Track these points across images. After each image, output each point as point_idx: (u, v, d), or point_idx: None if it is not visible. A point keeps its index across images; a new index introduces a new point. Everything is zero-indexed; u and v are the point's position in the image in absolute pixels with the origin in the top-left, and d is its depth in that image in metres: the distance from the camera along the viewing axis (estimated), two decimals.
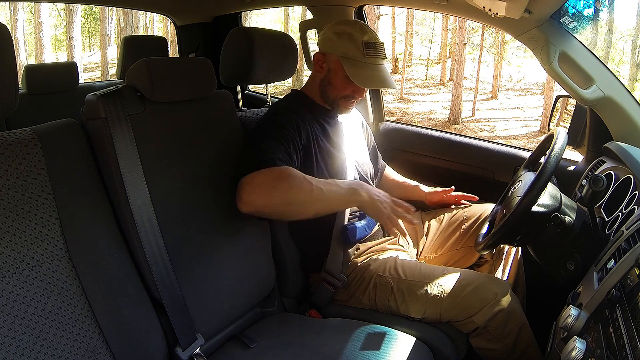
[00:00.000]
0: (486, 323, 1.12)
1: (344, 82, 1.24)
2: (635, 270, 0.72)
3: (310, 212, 1.04)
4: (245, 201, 0.99)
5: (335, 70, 1.25)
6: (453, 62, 11.57)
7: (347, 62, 1.22)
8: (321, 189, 1.02)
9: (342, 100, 1.28)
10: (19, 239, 0.82)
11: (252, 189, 0.99)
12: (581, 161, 1.50)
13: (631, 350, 0.60)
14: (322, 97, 1.31)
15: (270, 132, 1.14)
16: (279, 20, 15.22)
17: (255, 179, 1.00)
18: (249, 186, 0.99)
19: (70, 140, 0.92)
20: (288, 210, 1.03)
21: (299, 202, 1.01)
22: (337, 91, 1.27)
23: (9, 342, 0.79)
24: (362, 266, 1.28)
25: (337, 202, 1.08)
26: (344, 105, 1.30)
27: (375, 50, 1.23)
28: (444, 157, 1.79)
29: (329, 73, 1.27)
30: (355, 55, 1.22)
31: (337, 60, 1.24)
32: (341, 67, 1.23)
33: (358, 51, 1.21)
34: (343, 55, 1.23)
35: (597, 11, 1.72)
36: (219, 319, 1.14)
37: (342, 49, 1.23)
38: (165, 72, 1.05)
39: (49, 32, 9.97)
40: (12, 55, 0.76)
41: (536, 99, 11.47)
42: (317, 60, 1.29)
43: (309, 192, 1.01)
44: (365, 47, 1.21)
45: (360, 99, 1.29)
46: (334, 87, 1.27)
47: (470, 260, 1.41)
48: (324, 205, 1.05)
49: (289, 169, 1.04)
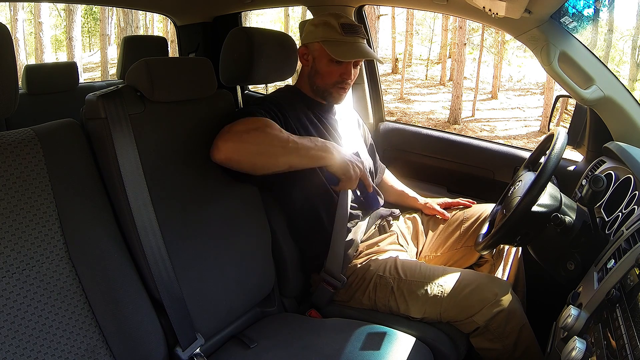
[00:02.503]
0: (487, 323, 1.12)
1: (329, 66, 1.27)
2: (635, 270, 0.72)
3: (283, 164, 1.05)
4: (219, 147, 0.99)
5: (319, 57, 1.28)
6: (453, 62, 11.57)
7: (327, 44, 1.24)
8: (296, 142, 1.04)
9: (332, 88, 1.29)
10: (19, 239, 0.82)
11: (229, 136, 1.00)
12: (581, 161, 1.50)
13: (631, 350, 0.60)
14: (313, 90, 1.33)
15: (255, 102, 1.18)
16: (279, 20, 15.22)
17: (233, 127, 1.02)
18: (225, 134, 1.01)
19: (70, 140, 0.92)
20: (260, 160, 1.03)
21: (272, 152, 1.02)
22: (326, 78, 1.28)
23: (9, 342, 0.79)
24: (362, 266, 1.28)
25: (309, 157, 1.07)
26: (336, 93, 1.31)
27: (352, 29, 1.26)
28: (444, 157, 1.79)
29: (314, 63, 1.30)
30: (334, 36, 1.24)
31: (318, 47, 1.27)
32: (324, 52, 1.25)
33: (336, 33, 1.24)
34: (323, 39, 1.25)
35: (597, 11, 1.72)
36: (219, 319, 1.14)
37: (321, 34, 1.26)
38: (165, 72, 1.05)
39: (49, 32, 9.97)
40: (12, 55, 0.76)
41: (536, 99, 11.47)
42: (302, 54, 1.32)
43: (284, 143, 1.03)
44: (343, 28, 1.24)
45: (349, 81, 1.29)
46: (321, 74, 1.29)
47: (470, 260, 1.41)
48: (297, 159, 1.05)
49: (267, 119, 1.06)
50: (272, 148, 1.02)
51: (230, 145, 1.00)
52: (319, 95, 1.33)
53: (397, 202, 1.58)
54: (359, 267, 1.28)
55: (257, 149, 1.01)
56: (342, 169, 1.09)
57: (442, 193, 1.77)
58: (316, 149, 1.07)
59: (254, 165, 1.05)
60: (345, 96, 1.35)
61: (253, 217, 1.23)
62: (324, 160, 1.08)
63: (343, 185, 1.12)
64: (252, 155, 1.02)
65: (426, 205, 1.53)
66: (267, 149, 1.02)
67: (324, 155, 1.07)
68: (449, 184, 1.80)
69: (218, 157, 1.00)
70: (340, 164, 1.09)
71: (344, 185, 1.12)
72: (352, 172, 1.10)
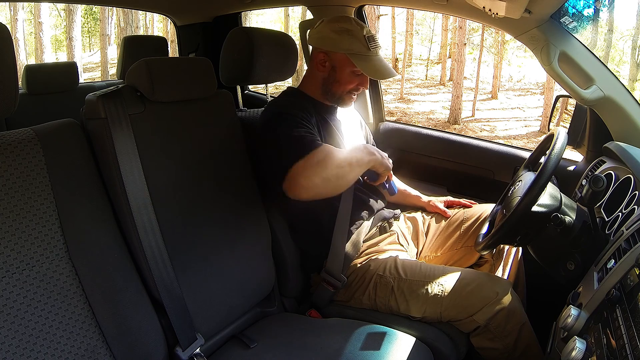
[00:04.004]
0: (487, 322, 1.12)
1: (350, 77, 1.29)
2: (635, 270, 0.72)
3: (352, 179, 1.13)
4: (305, 186, 1.03)
5: (342, 67, 1.28)
6: (453, 62, 11.57)
7: (356, 57, 1.25)
8: (353, 156, 1.12)
9: (346, 94, 1.32)
10: (19, 239, 0.82)
11: (309, 172, 1.03)
12: (581, 161, 1.50)
13: (631, 350, 0.60)
14: (325, 94, 1.33)
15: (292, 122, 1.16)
16: (279, 20, 15.22)
17: (307, 162, 1.04)
18: (305, 170, 1.03)
19: (70, 140, 0.92)
20: (338, 183, 1.09)
21: (345, 172, 1.09)
22: (344, 86, 1.30)
23: (9, 342, 0.79)
24: (362, 266, 1.28)
25: (364, 164, 1.15)
26: (349, 98, 1.34)
27: (375, 43, 1.28)
28: (444, 157, 1.79)
29: (333, 71, 1.29)
30: (361, 50, 1.25)
31: (342, 57, 1.27)
32: (347, 64, 1.26)
33: (363, 46, 1.25)
34: (349, 51, 1.25)
35: (597, 11, 1.72)
36: (219, 319, 1.14)
37: (346, 45, 1.25)
38: (165, 72, 1.05)
39: (49, 32, 9.96)
40: (12, 55, 0.76)
41: (536, 99, 11.47)
42: (320, 59, 1.29)
43: (349, 161, 1.10)
44: (368, 41, 1.26)
45: (364, 90, 1.35)
46: (340, 83, 1.30)
47: (470, 260, 1.41)
48: (359, 170, 1.15)
49: (326, 145, 1.11)
50: (343, 169, 1.09)
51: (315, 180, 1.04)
52: (330, 99, 1.33)
53: (399, 202, 1.57)
54: (358, 267, 1.28)
55: (334, 173, 1.07)
56: (382, 165, 1.20)
57: (442, 193, 1.76)
58: (365, 155, 1.15)
59: (335, 190, 1.12)
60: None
61: (253, 217, 1.23)
62: (372, 162, 1.17)
63: (382, 178, 1.25)
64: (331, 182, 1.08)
65: (429, 203, 1.53)
66: (340, 171, 1.08)
67: (372, 158, 1.17)
68: (449, 184, 1.79)
69: (307, 195, 1.05)
70: (380, 160, 1.19)
71: (382, 178, 1.25)
72: (388, 164, 1.21)
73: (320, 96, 1.34)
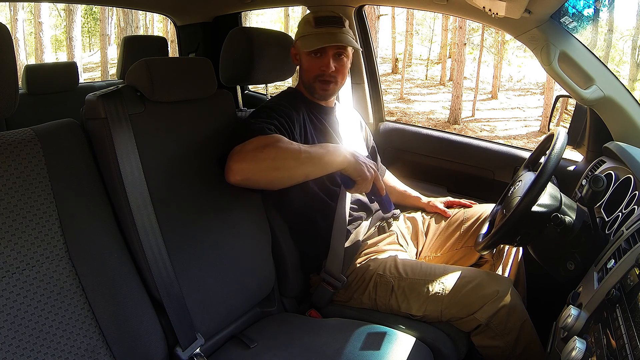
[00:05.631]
0: (488, 320, 1.12)
1: (308, 60, 1.29)
2: (635, 270, 0.72)
3: (300, 176, 1.04)
4: (233, 169, 0.98)
5: (302, 54, 1.30)
6: (453, 62, 11.57)
7: (302, 39, 1.27)
8: (308, 152, 1.03)
9: (315, 82, 1.30)
10: (19, 239, 0.82)
11: (241, 156, 0.99)
12: (581, 161, 1.50)
13: (631, 350, 0.60)
14: (306, 89, 1.34)
15: (260, 115, 1.17)
16: (279, 20, 15.22)
17: (244, 147, 1.01)
18: (237, 154, 1.00)
19: (70, 140, 0.92)
20: (277, 175, 1.02)
21: (287, 166, 1.01)
22: (308, 73, 1.30)
23: (9, 342, 0.79)
24: (362, 266, 1.28)
25: (323, 164, 1.05)
26: (320, 88, 1.30)
27: (325, 20, 1.26)
28: (444, 157, 1.79)
29: (300, 61, 1.32)
30: (308, 30, 1.26)
31: (298, 44, 1.29)
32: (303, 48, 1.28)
33: (310, 27, 1.26)
34: (299, 35, 1.28)
35: (597, 11, 1.72)
36: (219, 319, 1.14)
37: (300, 31, 1.29)
38: (165, 72, 1.05)
39: (49, 32, 9.96)
40: (12, 55, 0.76)
41: (536, 99, 11.47)
42: (293, 55, 1.35)
43: (297, 154, 1.01)
44: (316, 21, 1.26)
45: (328, 72, 1.27)
46: (305, 70, 1.31)
47: (470, 260, 1.41)
48: (312, 169, 1.04)
49: (276, 135, 1.06)
50: (286, 162, 1.01)
51: (245, 165, 0.99)
52: (310, 92, 1.34)
53: (399, 202, 1.58)
54: (358, 267, 1.28)
55: (272, 165, 1.01)
56: (357, 170, 1.05)
57: (442, 193, 1.77)
58: (329, 155, 1.05)
59: (272, 182, 1.05)
60: (332, 92, 1.32)
61: (253, 217, 1.23)
62: (339, 165, 1.05)
63: (359, 187, 1.08)
64: (268, 173, 1.01)
65: (429, 204, 1.53)
66: (281, 163, 1.01)
67: (338, 160, 1.05)
68: (449, 184, 1.80)
69: (234, 179, 0.99)
70: (354, 166, 1.05)
71: (359, 188, 1.08)
72: (367, 173, 1.06)
73: (307, 92, 1.35)
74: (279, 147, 1.01)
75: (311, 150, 1.04)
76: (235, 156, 1.00)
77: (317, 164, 1.04)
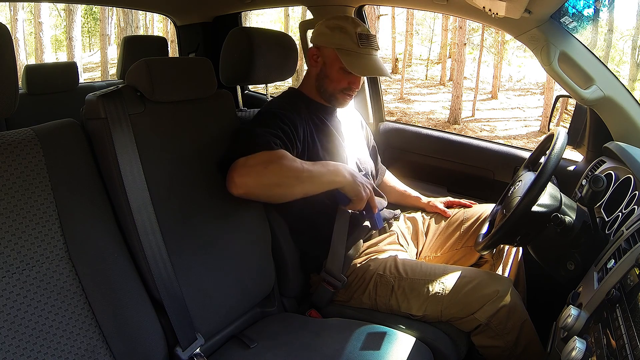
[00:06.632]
0: (488, 320, 1.12)
1: (340, 74, 1.27)
2: (635, 270, 0.72)
3: (299, 193, 1.08)
4: (236, 182, 1.01)
5: (331, 63, 1.27)
6: (453, 62, 11.57)
7: (343, 53, 1.24)
8: (310, 170, 1.07)
9: (339, 93, 1.30)
10: (19, 239, 0.82)
11: (245, 170, 1.01)
12: (581, 161, 1.50)
13: (631, 350, 0.60)
14: (319, 92, 1.33)
15: (265, 121, 1.17)
16: (279, 20, 15.22)
17: (249, 161, 1.02)
18: (242, 168, 1.02)
19: (70, 140, 0.92)
20: (278, 191, 1.06)
21: (289, 183, 1.05)
22: (334, 84, 1.29)
23: (9, 342, 0.79)
24: (362, 266, 1.28)
25: (322, 183, 1.10)
26: (342, 98, 1.32)
27: (368, 42, 1.26)
28: (444, 157, 1.79)
29: (324, 66, 1.29)
30: (350, 46, 1.24)
31: (332, 53, 1.26)
32: (337, 59, 1.25)
33: (353, 43, 1.24)
34: (338, 47, 1.25)
35: (597, 11, 1.72)
36: (219, 319, 1.14)
37: (337, 41, 1.25)
38: (165, 72, 1.05)
39: (49, 32, 9.97)
40: (12, 55, 0.76)
41: (536, 99, 11.47)
42: (312, 55, 1.31)
43: (299, 173, 1.05)
44: (359, 39, 1.24)
45: (356, 90, 1.31)
46: (331, 80, 1.29)
47: (470, 260, 1.41)
48: (312, 187, 1.09)
49: (281, 151, 1.07)
50: (288, 180, 1.05)
51: (248, 180, 1.02)
52: (325, 98, 1.33)
53: (399, 202, 1.58)
54: (358, 267, 1.28)
55: (274, 181, 1.04)
56: (353, 190, 1.12)
57: (442, 193, 1.77)
58: (329, 174, 1.10)
59: (271, 197, 1.10)
60: (350, 101, 1.36)
61: (253, 217, 1.23)
62: (337, 184, 1.11)
63: (353, 205, 1.16)
64: (269, 188, 1.05)
65: (429, 204, 1.53)
66: (284, 181, 1.05)
67: (337, 180, 1.11)
68: (449, 184, 1.80)
69: (236, 192, 1.02)
70: (352, 185, 1.12)
71: (354, 206, 1.16)
72: (363, 193, 1.13)
73: (316, 95, 1.34)
74: (283, 165, 1.04)
75: (313, 169, 1.08)
76: (239, 169, 1.02)
77: (316, 182, 1.09)
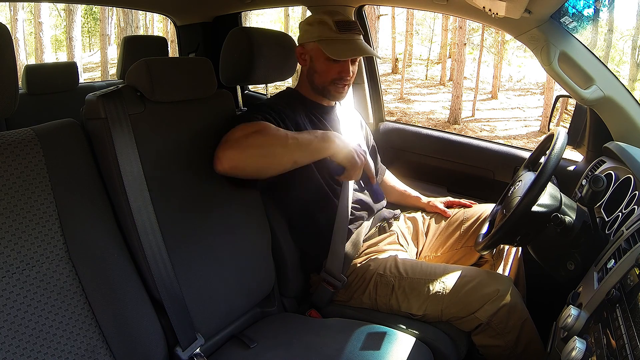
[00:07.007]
0: (489, 319, 1.12)
1: (326, 64, 1.27)
2: (635, 270, 0.72)
3: (287, 162, 1.03)
4: (220, 157, 0.98)
5: (316, 56, 1.28)
6: (453, 62, 11.57)
7: (324, 43, 1.24)
8: (296, 138, 1.03)
9: (331, 85, 1.29)
10: (19, 239, 0.82)
11: (228, 144, 0.99)
12: (581, 161, 1.50)
13: (631, 350, 0.60)
14: (313, 89, 1.33)
15: (253, 110, 1.17)
16: (279, 20, 15.22)
17: (231, 135, 1.01)
18: (224, 143, 1.00)
19: (70, 140, 0.92)
20: (265, 162, 1.02)
21: (275, 152, 1.01)
22: (324, 76, 1.28)
23: (9, 342, 0.79)
24: (362, 266, 1.28)
25: (311, 149, 1.05)
26: (335, 90, 1.30)
27: (348, 26, 1.25)
28: (444, 157, 1.79)
29: (311, 62, 1.30)
30: (329, 35, 1.24)
31: (315, 46, 1.27)
32: (320, 51, 1.25)
33: (331, 31, 1.24)
34: (318, 38, 1.25)
35: (597, 11, 1.72)
36: (219, 319, 1.14)
37: (317, 33, 1.26)
38: (165, 72, 1.05)
39: (49, 32, 9.96)
40: (12, 55, 0.76)
41: (536, 99, 11.47)
42: (299, 54, 1.33)
43: (284, 140, 1.02)
44: (337, 25, 1.24)
45: (348, 77, 1.29)
46: (319, 73, 1.29)
47: (470, 260, 1.41)
48: (300, 155, 1.04)
49: (263, 122, 1.06)
50: (273, 148, 1.01)
51: (231, 153, 0.98)
52: (319, 93, 1.33)
53: (399, 202, 1.58)
54: (358, 267, 1.28)
55: (259, 151, 1.00)
56: (346, 157, 1.07)
57: (442, 193, 1.77)
58: (317, 140, 1.05)
59: (259, 169, 1.04)
60: (346, 92, 1.34)
61: (253, 217, 1.23)
62: (327, 150, 1.05)
63: (348, 174, 1.09)
64: (255, 159, 1.01)
65: (429, 204, 1.53)
66: (268, 150, 1.01)
67: (327, 146, 1.05)
68: (449, 184, 1.80)
69: (221, 167, 0.99)
70: (343, 152, 1.06)
71: (349, 175, 1.09)
72: (356, 159, 1.07)
73: (311, 93, 1.34)
74: (266, 133, 1.01)
75: (299, 137, 1.04)
76: (222, 145, 1.00)
77: (305, 150, 1.04)
